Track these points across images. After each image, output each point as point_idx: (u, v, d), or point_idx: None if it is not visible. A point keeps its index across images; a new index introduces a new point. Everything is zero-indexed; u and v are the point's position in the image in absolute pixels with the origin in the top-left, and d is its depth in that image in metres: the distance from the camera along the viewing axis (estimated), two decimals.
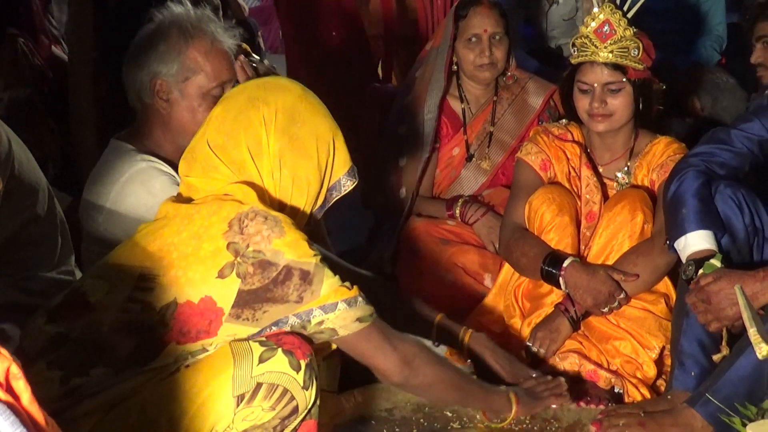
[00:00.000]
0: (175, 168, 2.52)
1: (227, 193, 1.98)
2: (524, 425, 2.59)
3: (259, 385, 1.89)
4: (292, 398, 1.92)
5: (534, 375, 2.53)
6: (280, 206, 2.02)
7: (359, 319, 1.99)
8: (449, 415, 2.63)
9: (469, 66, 3.37)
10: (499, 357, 2.52)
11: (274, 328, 1.94)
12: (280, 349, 1.90)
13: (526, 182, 2.95)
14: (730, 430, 2.26)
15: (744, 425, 2.10)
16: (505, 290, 2.97)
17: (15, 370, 1.16)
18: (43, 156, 3.65)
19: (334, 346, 2.12)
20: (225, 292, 1.88)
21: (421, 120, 3.41)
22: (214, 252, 1.89)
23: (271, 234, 1.89)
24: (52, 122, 3.97)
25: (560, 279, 2.75)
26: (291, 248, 1.90)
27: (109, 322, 1.90)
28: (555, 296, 2.83)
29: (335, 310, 1.94)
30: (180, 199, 2.05)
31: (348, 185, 2.10)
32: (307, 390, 1.93)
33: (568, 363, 2.74)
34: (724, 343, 2.41)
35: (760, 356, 2.17)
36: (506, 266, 2.99)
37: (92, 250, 2.47)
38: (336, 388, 2.41)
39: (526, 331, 2.82)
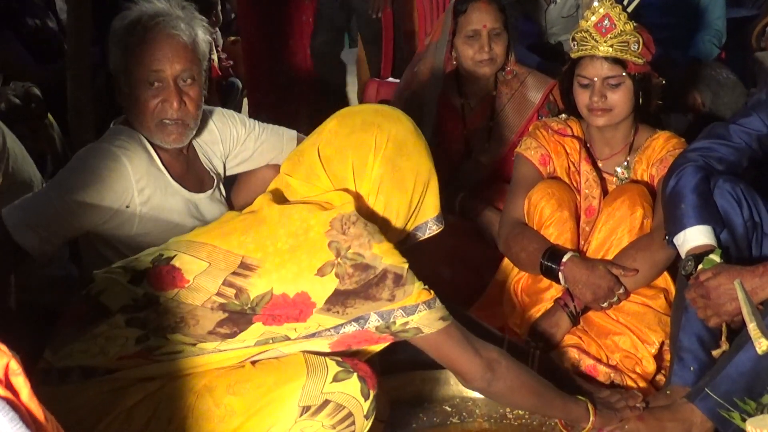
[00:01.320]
0: (167, 155, 2.52)
1: (327, 201, 2.03)
2: (523, 420, 2.60)
3: (326, 402, 1.93)
4: (353, 423, 1.96)
5: (606, 390, 2.53)
6: None
7: (442, 318, 2.05)
8: (448, 410, 2.64)
9: (469, 61, 3.37)
10: (569, 373, 2.57)
11: (355, 325, 1.99)
12: (355, 374, 1.96)
13: (526, 177, 2.95)
14: (729, 425, 2.26)
15: (743, 420, 2.11)
16: (505, 285, 2.97)
17: (14, 366, 1.15)
18: (40, 151, 3.65)
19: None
20: (321, 290, 1.93)
21: (421, 115, 3.40)
22: (313, 250, 1.94)
23: (371, 240, 1.95)
24: (51, 117, 3.96)
25: (559, 274, 2.75)
26: (388, 255, 1.97)
27: (202, 300, 1.93)
28: (554, 291, 2.83)
29: (416, 312, 2.01)
30: (276, 196, 2.09)
31: (434, 229, 2.18)
32: (367, 419, 1.98)
33: (568, 358, 2.73)
34: (723, 338, 2.41)
35: (759, 351, 2.17)
36: (505, 261, 2.99)
37: None
38: (388, 418, 2.44)
39: (525, 326, 2.82)
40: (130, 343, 1.93)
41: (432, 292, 2.05)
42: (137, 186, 2.42)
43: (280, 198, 2.10)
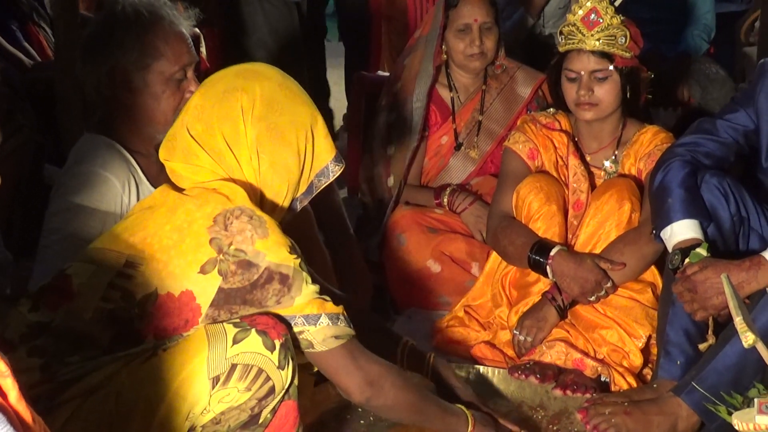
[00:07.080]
0: (144, 160, 2.45)
1: (216, 188, 1.98)
2: (512, 412, 2.61)
3: (233, 366, 1.88)
4: (268, 378, 1.91)
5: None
6: (262, 195, 2.03)
7: (337, 337, 1.99)
8: None
9: (459, 55, 3.36)
10: (459, 381, 2.45)
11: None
12: (253, 330, 1.90)
13: (514, 171, 2.95)
14: (715, 418, 2.27)
15: (729, 414, 2.11)
16: (493, 279, 2.98)
17: (2, 367, 1.15)
18: (40, 142, 3.65)
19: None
20: (205, 288, 1.89)
21: (410, 108, 3.40)
22: (196, 246, 1.89)
23: (254, 234, 1.90)
24: (31, 108, 3.94)
25: (547, 267, 2.75)
26: (272, 251, 1.91)
27: (91, 311, 1.90)
28: (542, 285, 2.83)
29: (317, 323, 1.96)
30: (172, 185, 2.05)
31: (336, 170, 2.10)
32: (282, 370, 1.92)
33: (555, 351, 2.74)
34: (710, 332, 2.42)
35: (746, 345, 2.17)
36: (494, 255, 2.99)
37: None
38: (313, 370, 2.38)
39: (513, 320, 2.83)
40: (36, 373, 1.88)
41: (340, 307, 1.99)
42: (130, 201, 2.39)
43: (175, 187, 2.04)
